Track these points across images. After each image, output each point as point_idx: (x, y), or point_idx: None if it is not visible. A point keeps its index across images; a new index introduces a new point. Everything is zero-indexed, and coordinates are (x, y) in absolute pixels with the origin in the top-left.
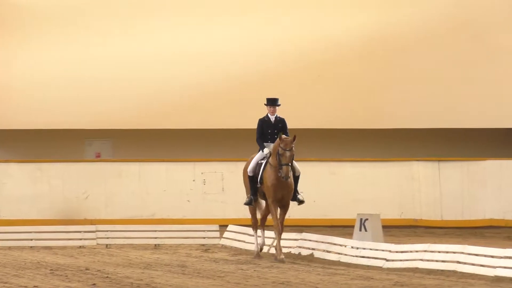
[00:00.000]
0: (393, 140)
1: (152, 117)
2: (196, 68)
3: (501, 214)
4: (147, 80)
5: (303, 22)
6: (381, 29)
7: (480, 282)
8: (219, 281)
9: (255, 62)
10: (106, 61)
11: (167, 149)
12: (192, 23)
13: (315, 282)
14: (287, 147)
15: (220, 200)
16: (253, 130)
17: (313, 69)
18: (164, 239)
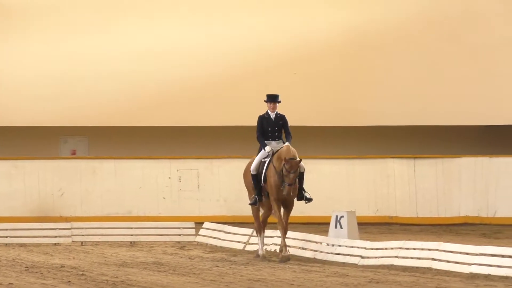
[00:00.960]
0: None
1: (128, 115)
2: (172, 66)
3: (476, 211)
4: (122, 77)
5: (280, 20)
6: (358, 27)
7: (455, 279)
8: (195, 278)
9: (232, 60)
10: (81, 59)
11: (143, 146)
12: (169, 20)
13: (291, 279)
14: (292, 169)
15: (195, 198)
16: (229, 128)
17: (289, 66)
18: (139, 237)
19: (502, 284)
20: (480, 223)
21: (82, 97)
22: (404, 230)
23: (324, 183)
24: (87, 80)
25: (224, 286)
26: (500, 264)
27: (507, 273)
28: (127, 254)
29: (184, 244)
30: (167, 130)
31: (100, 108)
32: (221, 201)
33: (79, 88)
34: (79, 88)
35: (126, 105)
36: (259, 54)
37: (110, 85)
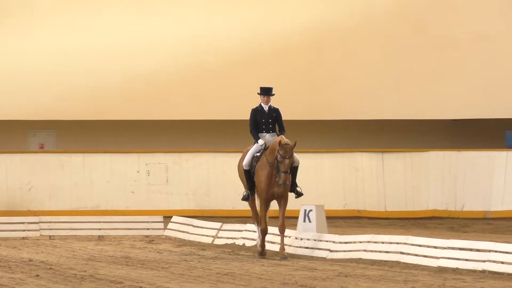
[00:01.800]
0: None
1: (96, 109)
2: (140, 60)
3: (444, 205)
4: (91, 72)
5: (250, 15)
6: (326, 23)
7: (423, 273)
8: (163, 272)
9: (200, 55)
10: (50, 53)
11: (111, 140)
12: (135, 15)
13: (259, 273)
14: (286, 154)
15: (164, 192)
16: (198, 122)
17: (259, 61)
18: (108, 231)
19: (470, 278)
20: (448, 217)
21: (50, 91)
22: (372, 224)
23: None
24: (55, 75)
25: (192, 280)
26: (468, 258)
27: (475, 267)
28: (95, 248)
29: (152, 238)
30: (136, 124)
31: (68, 102)
32: (190, 195)
33: (48, 82)
34: (48, 83)
35: (94, 99)
36: (228, 48)
37: (79, 79)
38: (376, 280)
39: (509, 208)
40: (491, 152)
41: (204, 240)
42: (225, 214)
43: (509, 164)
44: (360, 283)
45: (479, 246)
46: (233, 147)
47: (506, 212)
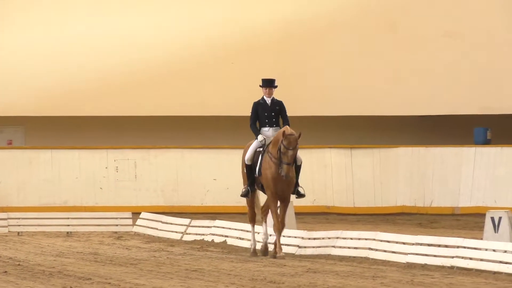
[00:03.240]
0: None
1: (64, 105)
2: (108, 56)
3: (412, 201)
4: (59, 68)
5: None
6: (294, 18)
7: (392, 269)
8: (132, 269)
9: (169, 51)
10: (18, 49)
11: (80, 136)
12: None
13: (228, 269)
14: (290, 145)
15: (133, 188)
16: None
17: (227, 57)
18: (76, 227)
19: (438, 274)
20: (416, 213)
21: (18, 87)
22: (341, 220)
23: None
24: (23, 71)
25: (161, 276)
26: (436, 254)
27: (443, 263)
28: (63, 245)
29: (121, 235)
30: (104, 120)
31: (36, 98)
32: (159, 191)
33: (15, 78)
34: (15, 79)
35: (63, 95)
36: (196, 45)
37: (47, 75)
38: (345, 276)
39: (477, 204)
40: (460, 149)
41: (173, 237)
42: (194, 210)
43: (477, 160)
44: (328, 279)
45: (448, 242)
46: (201, 143)
47: (474, 208)
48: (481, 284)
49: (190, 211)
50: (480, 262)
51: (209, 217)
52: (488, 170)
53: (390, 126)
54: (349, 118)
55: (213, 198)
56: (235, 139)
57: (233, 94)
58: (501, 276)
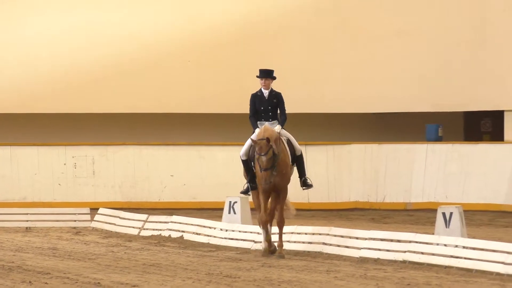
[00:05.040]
0: None
1: (23, 101)
2: (66, 52)
3: (366, 196)
4: (18, 63)
5: (175, 9)
6: (249, 16)
7: (346, 263)
8: (90, 263)
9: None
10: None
11: (38, 133)
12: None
13: (185, 264)
14: (261, 151)
15: (91, 184)
16: (123, 114)
17: (184, 54)
18: (35, 222)
19: (391, 268)
20: (369, 208)
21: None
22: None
23: (217, 169)
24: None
25: (119, 271)
26: (389, 248)
27: (395, 257)
28: (22, 240)
29: (79, 230)
30: (62, 117)
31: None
32: (116, 187)
33: None
34: None
35: (21, 92)
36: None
37: (5, 71)
38: (300, 270)
39: (429, 199)
40: (411, 145)
41: (130, 232)
42: (151, 206)
43: (429, 156)
44: (283, 273)
45: (400, 237)
46: (158, 140)
47: (426, 204)
48: (432, 278)
49: (148, 207)
50: (431, 256)
51: (166, 213)
52: (440, 166)
53: (343, 123)
54: (303, 115)
55: (170, 194)
56: (191, 135)
57: (189, 91)
58: (452, 270)
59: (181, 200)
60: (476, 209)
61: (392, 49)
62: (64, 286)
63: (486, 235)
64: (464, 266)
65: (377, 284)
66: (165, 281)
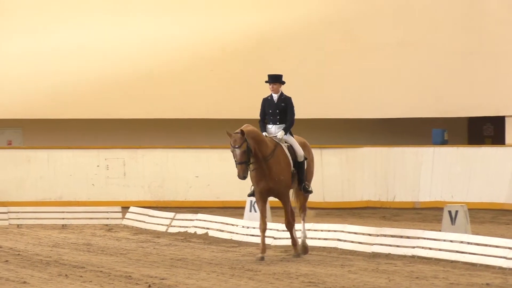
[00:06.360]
0: None
1: (60, 108)
2: (100, 62)
3: (377, 196)
4: (54, 73)
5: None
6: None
7: (359, 258)
8: (122, 258)
9: (155, 58)
10: (16, 56)
11: (73, 137)
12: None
13: (210, 259)
14: (235, 144)
15: (122, 184)
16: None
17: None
18: (70, 220)
19: (401, 262)
20: (380, 207)
21: (17, 91)
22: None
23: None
24: (21, 76)
25: (148, 265)
26: (399, 244)
27: (405, 252)
28: (59, 236)
29: (111, 227)
30: (95, 122)
31: (34, 102)
32: (145, 187)
33: (14, 83)
34: (15, 84)
35: (57, 99)
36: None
37: (43, 81)
38: (316, 265)
39: (435, 199)
40: (419, 148)
41: (158, 229)
42: (178, 205)
43: (436, 159)
44: (301, 267)
45: (409, 233)
46: (184, 143)
47: (433, 203)
48: (439, 272)
49: (175, 206)
50: (438, 251)
51: (192, 211)
52: (445, 168)
53: (356, 128)
54: (319, 120)
55: (195, 193)
56: (214, 139)
57: (212, 98)
58: (458, 264)
59: (206, 199)
60: (479, 207)
61: (399, 59)
62: (97, 279)
63: (489, 232)
64: (469, 260)
65: (388, 277)
66: (191, 274)
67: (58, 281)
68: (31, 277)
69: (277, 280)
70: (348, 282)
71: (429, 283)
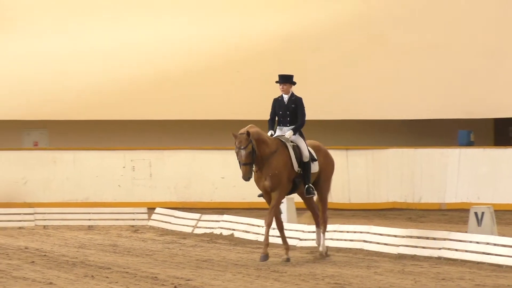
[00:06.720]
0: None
1: (85, 109)
2: (124, 64)
3: (403, 197)
4: (80, 75)
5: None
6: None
7: (385, 259)
8: (148, 259)
9: (181, 59)
10: (42, 58)
11: (100, 138)
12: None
13: (235, 260)
14: (241, 145)
15: (148, 185)
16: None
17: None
18: (97, 221)
19: (427, 264)
20: (406, 208)
21: (43, 93)
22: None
23: None
24: (48, 78)
25: (174, 266)
26: (425, 246)
27: (431, 254)
28: (85, 237)
29: (137, 228)
30: (122, 123)
31: (60, 103)
32: (171, 188)
33: (41, 85)
34: (41, 85)
35: (83, 101)
36: (206, 53)
37: (70, 82)
38: (342, 266)
39: (461, 200)
40: (445, 150)
41: (184, 230)
42: (204, 206)
43: (462, 160)
44: (327, 268)
45: (435, 235)
46: (210, 144)
47: (459, 204)
48: (465, 273)
49: (200, 207)
50: (464, 253)
51: (218, 212)
52: (472, 169)
53: (381, 129)
54: (345, 121)
55: (221, 194)
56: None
57: (238, 99)
58: (484, 266)
59: (231, 201)
60: (506, 209)
61: (426, 60)
62: (123, 280)
63: None
64: (495, 262)
65: (414, 279)
66: (217, 275)
67: (84, 282)
68: (57, 278)
69: (303, 281)
70: (374, 283)
71: (455, 285)
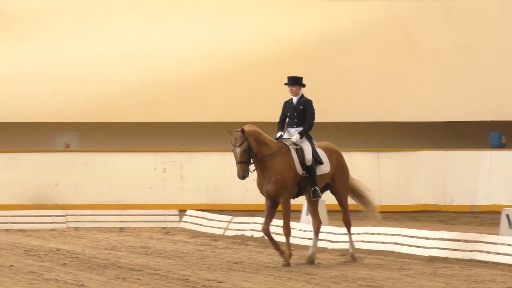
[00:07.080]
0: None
1: (117, 111)
2: (156, 67)
3: (434, 199)
4: (111, 77)
5: (254, 24)
6: (325, 32)
7: (416, 262)
8: (179, 261)
9: (211, 62)
10: (74, 60)
11: (131, 140)
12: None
13: (266, 262)
14: (235, 142)
15: (179, 187)
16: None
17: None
18: (128, 223)
19: (459, 266)
20: (438, 211)
21: (75, 95)
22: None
23: None
24: (79, 81)
25: (205, 268)
26: (457, 248)
27: (463, 256)
28: (117, 239)
29: (169, 230)
30: (153, 125)
31: (91, 105)
32: (202, 190)
33: (72, 87)
34: (72, 88)
35: (115, 103)
36: (237, 56)
37: (101, 84)
38: (373, 268)
39: (493, 202)
40: (477, 152)
41: (216, 232)
42: (235, 208)
43: (493, 162)
44: (358, 270)
45: (467, 237)
46: None
47: (491, 206)
48: (497, 276)
49: (231, 209)
50: (496, 255)
51: (249, 214)
52: (503, 171)
53: (413, 131)
54: (376, 124)
55: (252, 197)
56: None
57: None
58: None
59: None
60: None
61: (457, 62)
62: (155, 282)
63: None
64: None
65: (446, 281)
66: (248, 277)
67: (116, 284)
68: (89, 280)
69: (334, 284)
70: (405, 285)
71: (486, 287)
